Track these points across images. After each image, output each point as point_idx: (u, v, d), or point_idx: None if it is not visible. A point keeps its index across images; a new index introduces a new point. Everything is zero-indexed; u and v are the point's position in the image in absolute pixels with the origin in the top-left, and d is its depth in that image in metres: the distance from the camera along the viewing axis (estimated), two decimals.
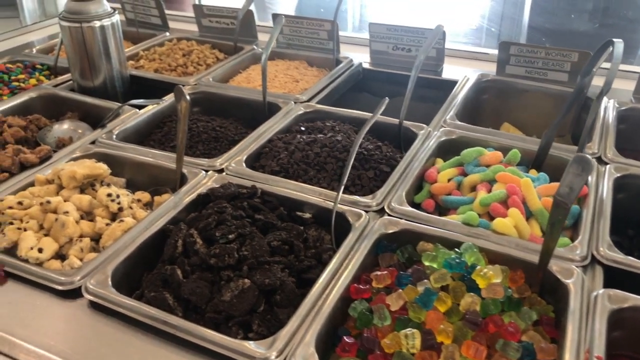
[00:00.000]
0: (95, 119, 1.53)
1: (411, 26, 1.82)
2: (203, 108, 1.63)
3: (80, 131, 1.49)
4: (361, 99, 1.84)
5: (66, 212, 1.04)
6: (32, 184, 1.18)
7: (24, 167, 1.24)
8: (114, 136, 1.38)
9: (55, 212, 1.05)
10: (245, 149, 1.30)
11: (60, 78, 1.72)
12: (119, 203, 1.07)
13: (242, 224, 1.00)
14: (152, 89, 1.73)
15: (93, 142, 1.36)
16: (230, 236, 0.97)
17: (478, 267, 0.88)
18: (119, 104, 1.48)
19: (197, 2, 2.68)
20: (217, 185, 1.15)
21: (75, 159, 1.27)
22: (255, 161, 1.29)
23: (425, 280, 0.88)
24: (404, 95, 1.86)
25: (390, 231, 1.02)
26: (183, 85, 1.65)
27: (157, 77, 1.75)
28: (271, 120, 1.44)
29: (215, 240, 0.97)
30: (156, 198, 1.18)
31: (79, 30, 1.54)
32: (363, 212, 1.07)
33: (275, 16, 1.94)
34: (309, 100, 1.55)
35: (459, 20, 4.41)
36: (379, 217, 1.06)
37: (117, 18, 1.58)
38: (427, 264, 0.92)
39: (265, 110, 1.52)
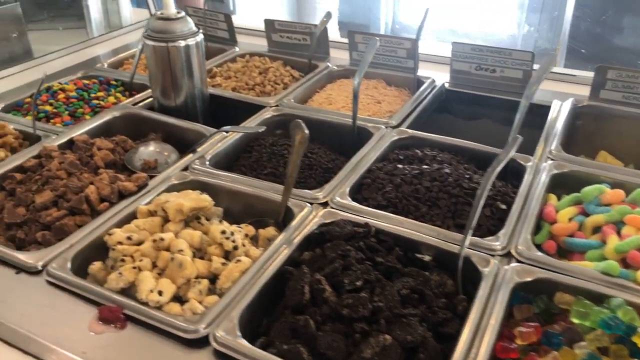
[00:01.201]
0: (177, 140, 1.50)
1: (497, 47, 1.75)
2: (286, 131, 1.58)
3: (165, 154, 1.45)
4: (443, 121, 1.77)
5: (181, 251, 0.99)
6: (132, 215, 1.15)
7: (122, 195, 1.20)
8: (207, 162, 1.34)
9: (168, 249, 1.01)
10: (346, 180, 1.24)
11: (139, 96, 1.68)
12: (233, 241, 1.02)
13: (366, 269, 0.94)
14: (231, 108, 1.69)
15: (185, 169, 1.32)
16: (357, 283, 0.91)
17: (639, 329, 0.81)
18: (213, 129, 1.44)
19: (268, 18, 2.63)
20: (325, 221, 1.10)
21: (172, 187, 1.24)
22: (355, 193, 1.24)
23: (583, 343, 0.81)
24: (488, 118, 1.81)
25: (526, 280, 0.96)
26: (264, 107, 1.62)
27: (236, 97, 1.70)
28: (365, 147, 1.38)
29: (342, 287, 0.91)
30: (261, 232, 1.13)
31: (164, 50, 1.50)
32: (490, 257, 1.01)
33: (352, 34, 1.89)
34: (399, 125, 1.50)
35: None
36: (507, 262, 1.00)
37: (201, 37, 1.54)
38: (577, 321, 0.86)
39: (355, 135, 1.47)
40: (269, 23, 2.04)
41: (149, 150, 1.45)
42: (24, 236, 1.14)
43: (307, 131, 1.04)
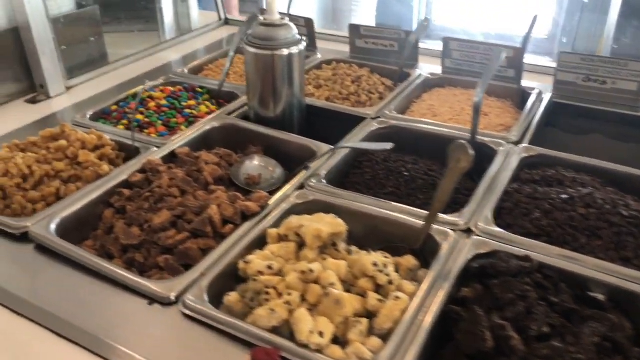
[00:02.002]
0: (275, 153, 1.41)
1: (610, 57, 1.64)
2: (396, 145, 1.48)
3: (270, 168, 1.36)
4: (551, 136, 1.66)
5: (332, 284, 0.90)
6: (260, 239, 1.06)
7: (244, 216, 1.11)
8: (323, 179, 1.24)
9: (316, 281, 0.91)
10: (485, 204, 1.14)
11: (231, 106, 1.60)
12: (387, 274, 0.92)
13: (546, 312, 0.84)
14: (326, 119, 1.60)
15: (300, 187, 1.23)
16: (544, 329, 0.81)
17: None
18: (324, 145, 1.35)
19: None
20: (480, 252, 1.00)
21: (295, 208, 1.14)
22: (495, 218, 1.13)
23: None
24: (599, 133, 1.69)
25: None
26: (364, 118, 1.52)
27: (332, 107, 1.60)
28: (494, 166, 1.28)
29: (526, 333, 0.81)
30: (401, 261, 1.03)
31: (268, 58, 1.41)
32: None
33: (447, 41, 1.79)
34: (519, 141, 1.39)
35: None
36: None
37: (304, 45, 1.45)
38: None
39: (476, 152, 1.36)
40: (354, 28, 1.94)
41: (254, 164, 1.36)
42: (143, 260, 1.05)
43: (472, 152, 0.94)
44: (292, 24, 1.45)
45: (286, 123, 1.51)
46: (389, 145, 1.22)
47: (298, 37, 1.45)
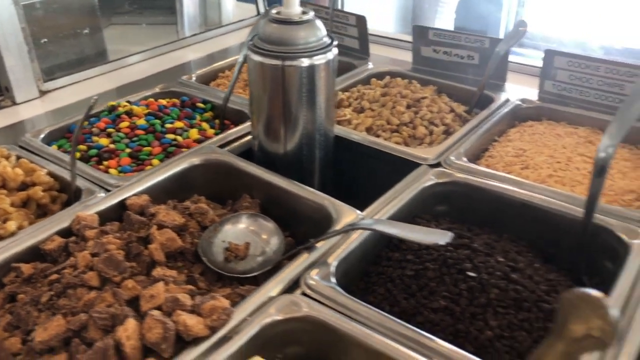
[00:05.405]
0: (280, 210, 0.95)
1: None
2: (452, 209, 0.98)
3: (264, 236, 0.90)
4: None
5: None
6: None
7: (181, 340, 0.66)
8: (332, 276, 0.76)
9: None
10: None
11: (233, 131, 1.15)
12: None
13: None
14: (363, 159, 1.12)
15: (294, 284, 0.76)
16: None
17: None
18: (357, 212, 0.87)
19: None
20: None
21: (269, 330, 0.68)
22: None
23: None
24: None
25: None
26: (417, 164, 1.03)
27: (373, 144, 1.11)
28: (624, 274, 0.75)
29: None
30: None
31: (278, 70, 0.95)
32: None
33: (550, 55, 1.25)
34: None
35: None
36: None
37: (335, 52, 0.98)
38: None
39: (585, 238, 0.83)
40: (419, 31, 1.44)
41: (238, 228, 0.91)
42: None
43: (614, 316, 0.43)
44: (318, 21, 0.98)
45: (304, 163, 1.04)
46: (442, 240, 0.71)
47: (327, 40, 0.98)
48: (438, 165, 1.03)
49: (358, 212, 0.89)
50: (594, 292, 0.41)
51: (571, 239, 0.85)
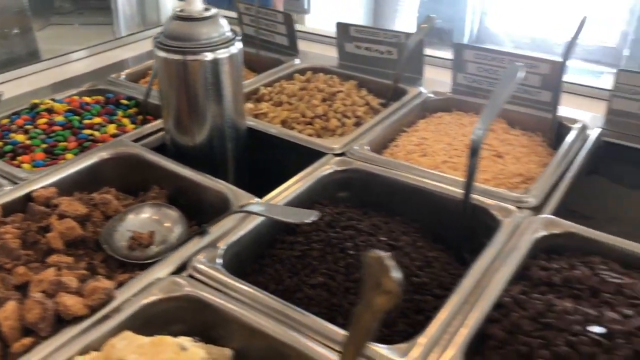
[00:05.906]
0: (188, 199, 0.99)
1: None
2: (353, 195, 1.04)
3: (167, 224, 0.94)
4: (592, 192, 1.16)
5: None
6: None
7: (60, 320, 0.70)
8: (219, 257, 0.81)
9: None
10: (457, 325, 0.68)
11: (150, 126, 1.19)
12: None
13: None
14: (276, 151, 1.17)
15: (182, 267, 0.80)
16: None
17: None
18: (245, 195, 0.92)
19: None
20: None
21: (151, 309, 0.72)
22: (472, 355, 0.67)
23: None
24: None
25: None
26: (324, 154, 1.08)
27: (285, 136, 1.16)
28: (491, 248, 0.81)
29: None
30: None
31: (180, 65, 0.99)
32: None
33: (459, 48, 1.31)
34: (540, 206, 0.91)
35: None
36: None
37: (239, 47, 1.02)
38: None
39: (466, 218, 0.89)
40: (342, 28, 1.50)
41: (141, 218, 0.95)
42: None
43: (397, 276, 0.48)
44: (222, 19, 1.02)
45: (216, 155, 1.09)
46: (308, 218, 0.75)
47: (229, 34, 1.02)
48: (343, 154, 1.08)
49: (256, 198, 0.93)
50: (382, 254, 0.46)
51: (455, 220, 0.91)
